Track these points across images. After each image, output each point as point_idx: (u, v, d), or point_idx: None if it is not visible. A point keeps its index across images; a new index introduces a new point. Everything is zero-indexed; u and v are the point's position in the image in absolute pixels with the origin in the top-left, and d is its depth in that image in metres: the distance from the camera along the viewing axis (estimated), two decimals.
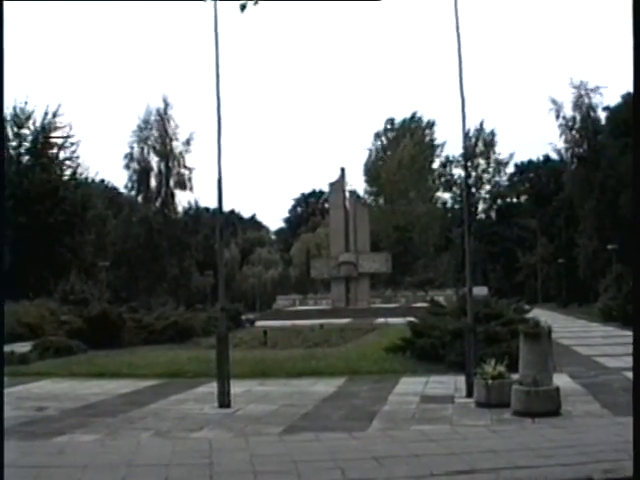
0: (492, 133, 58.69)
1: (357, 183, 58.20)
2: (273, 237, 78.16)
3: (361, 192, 57.66)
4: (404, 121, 61.07)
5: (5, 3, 2.47)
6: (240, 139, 79.78)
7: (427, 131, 60.45)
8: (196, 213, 47.45)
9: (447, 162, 60.00)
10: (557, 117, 38.07)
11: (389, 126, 61.48)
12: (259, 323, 26.94)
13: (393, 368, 9.91)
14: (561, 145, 40.31)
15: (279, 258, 58.64)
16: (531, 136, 72.11)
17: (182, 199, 72.44)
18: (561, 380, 6.04)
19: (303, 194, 76.07)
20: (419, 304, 31.03)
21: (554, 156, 46.81)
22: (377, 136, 61.71)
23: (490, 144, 58.71)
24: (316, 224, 61.87)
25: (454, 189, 59.20)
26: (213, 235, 51.05)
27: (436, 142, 60.13)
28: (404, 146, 56.86)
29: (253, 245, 59.86)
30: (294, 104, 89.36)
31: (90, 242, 33.36)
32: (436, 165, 60.35)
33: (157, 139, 44.60)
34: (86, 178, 36.33)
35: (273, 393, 8.09)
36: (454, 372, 8.80)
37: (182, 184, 44.81)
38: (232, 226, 68.30)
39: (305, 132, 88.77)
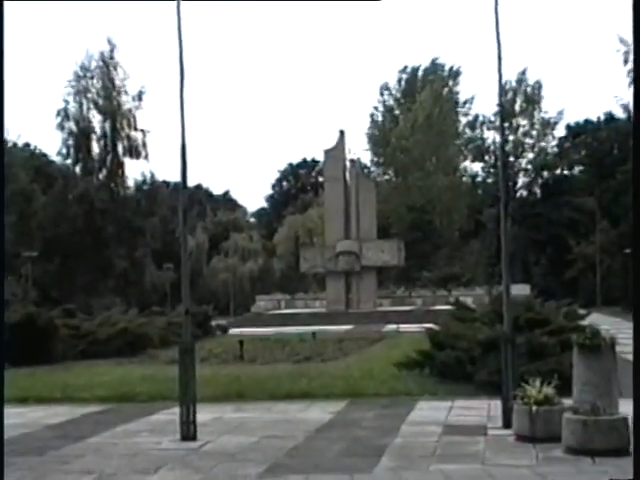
0: (537, 85, 56.40)
1: (360, 152, 58.01)
2: (252, 220, 77.57)
3: (365, 162, 59.50)
4: (420, 70, 59.53)
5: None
6: (210, 97, 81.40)
7: (450, 83, 58.79)
8: (152, 189, 47.11)
9: (477, 123, 59.14)
10: (625, 62, 33.55)
11: (401, 77, 60.10)
12: (234, 331, 27.24)
13: (407, 389, 10.03)
14: (629, 99, 38.35)
15: (260, 247, 58.70)
16: (588, 88, 70.98)
17: (133, 170, 71.54)
18: (630, 408, 5.32)
19: (291, 165, 76.38)
20: (440, 307, 31.59)
21: (619, 114, 45.52)
22: (384, 90, 60.38)
23: (534, 99, 56.44)
24: (307, 203, 61.78)
25: (486, 158, 58.70)
26: (174, 217, 51.44)
27: (462, 97, 59.36)
28: (420, 102, 56.12)
29: (226, 230, 59.64)
30: (278, 50, 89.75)
31: (10, 226, 31.09)
32: (462, 127, 59.64)
33: (100, 92, 43.22)
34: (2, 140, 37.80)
35: (252, 421, 8.14)
36: (486, 395, 8.86)
37: (133, 151, 43.76)
38: (199, 205, 68.78)
39: (292, 86, 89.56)
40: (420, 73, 59.70)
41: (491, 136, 58.18)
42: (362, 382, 10.69)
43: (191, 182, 64.02)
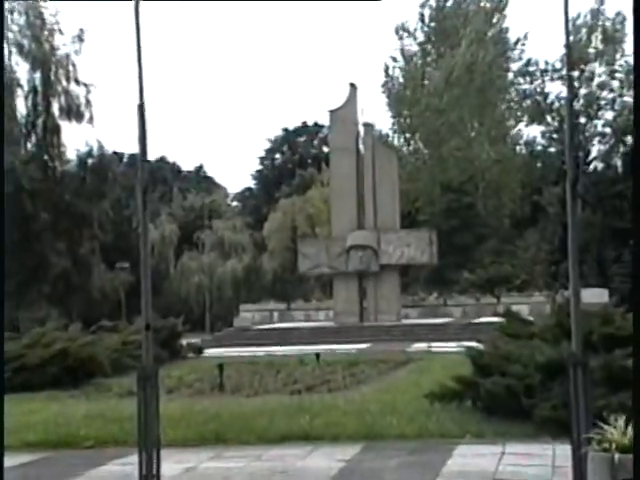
0: (619, 19, 54.28)
1: (376, 115, 58.41)
2: (234, 204, 78.26)
3: (384, 129, 58.96)
4: (451, 1, 57.98)
5: None
6: (178, 43, 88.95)
7: (496, 16, 57.26)
8: (100, 163, 47.18)
9: (534, 72, 58.14)
10: None
11: (425, 12, 58.64)
12: (211, 352, 27.72)
13: (442, 429, 10.15)
14: None
15: (245, 240, 59.29)
16: None
17: (74, 138, 75.64)
18: None
19: (286, 131, 76.39)
20: (486, 319, 32.61)
21: None
22: (403, 33, 59.07)
23: (615, 38, 54.75)
24: (307, 182, 62.35)
25: (548, 119, 58.27)
26: (131, 201, 51.78)
27: (512, 36, 58.04)
28: (456, 46, 56.00)
29: (200, 217, 60.05)
30: None
31: None
32: (514, 77, 59.05)
33: (25, 30, 41.53)
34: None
35: (236, 474, 8.24)
36: (550, 437, 8.95)
37: (73, 111, 42.97)
38: (164, 185, 69.10)
39: (285, 30, 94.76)
40: (450, 3, 58.27)
41: (554, 89, 58.53)
42: (382, 419, 10.80)
43: (153, 154, 65.41)
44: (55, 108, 43.01)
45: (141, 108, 7.64)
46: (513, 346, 11.43)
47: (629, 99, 54.23)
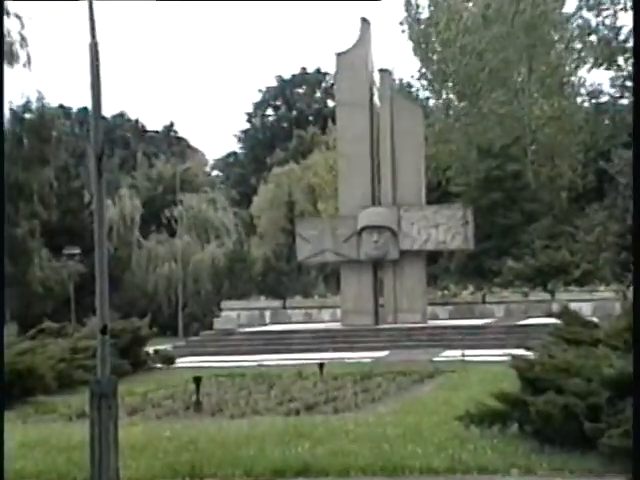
0: None
1: (394, 60, 58.20)
2: (215, 173, 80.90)
3: (405, 77, 59.58)
4: None
5: None
6: None
7: None
8: (40, 119, 47.57)
9: (595, 3, 57.17)
10: None
11: None
12: (184, 361, 27.95)
13: (480, 461, 10.15)
14: None
15: (229, 219, 59.73)
16: None
17: (7, 87, 75.41)
18: None
19: (280, 80, 77.50)
20: (536, 319, 32.88)
21: None
22: None
23: None
24: (307, 145, 63.77)
25: (619, 61, 57.08)
26: (81, 169, 53.98)
27: None
28: None
29: (171, 190, 59.96)
30: None
31: None
32: (575, 7, 58.46)
33: None
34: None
35: None
36: (621, 471, 8.91)
37: (5, 52, 40.33)
38: (125, 148, 69.11)
39: None
40: None
41: (627, 21, 56.36)
42: (403, 448, 10.85)
43: (110, 109, 67.90)
44: None
45: (94, 49, 7.56)
46: (572, 355, 11.48)
47: None
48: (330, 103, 66.06)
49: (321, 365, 20.99)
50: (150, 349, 27.45)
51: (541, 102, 55.76)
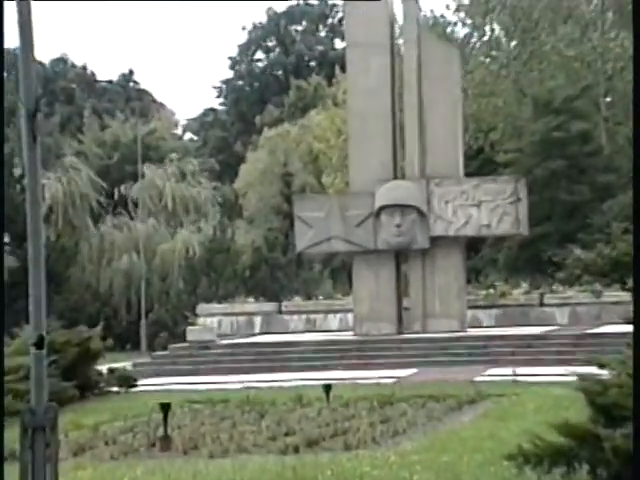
0: None
1: None
2: (188, 137, 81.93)
3: (437, 9, 59.63)
4: None
5: None
6: None
7: None
8: None
9: None
10: None
11: None
12: (149, 382, 28.18)
13: None
14: None
15: (205, 196, 60.32)
16: None
17: None
18: None
19: (273, 13, 78.31)
20: (612, 327, 32.89)
21: None
22: None
23: None
24: (309, 99, 64.63)
25: None
26: (10, 130, 53.18)
27: None
28: None
29: (131, 159, 60.09)
30: None
31: None
32: None
33: None
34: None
35: None
36: None
37: None
38: (68, 104, 68.22)
39: None
40: None
41: None
42: None
43: (48, 51, 67.14)
44: None
45: None
46: None
47: None
48: (338, 44, 65.84)
49: (327, 388, 20.98)
50: (103, 367, 27.50)
51: (622, 37, 55.00)
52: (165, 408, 16.64)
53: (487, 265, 48.42)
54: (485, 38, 59.99)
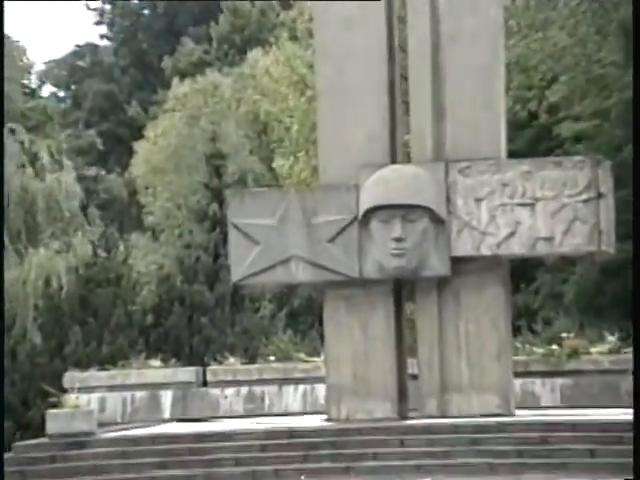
0: None
1: None
2: (49, 91, 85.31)
3: None
4: None
5: None
6: None
7: None
8: None
9: None
10: None
11: None
12: None
13: None
14: None
15: (80, 192, 61.50)
16: None
17: None
18: None
19: None
20: None
21: None
22: None
23: None
24: (248, 32, 67.11)
25: None
26: None
27: None
28: None
29: None
30: None
31: None
32: None
33: None
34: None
35: None
36: None
37: None
38: None
39: None
40: None
41: None
42: None
43: None
44: None
45: None
46: None
47: None
48: None
49: None
50: None
51: None
52: None
53: (547, 303, 47.60)
54: None
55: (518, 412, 35.37)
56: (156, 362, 44.18)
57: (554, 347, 40.76)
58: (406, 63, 37.14)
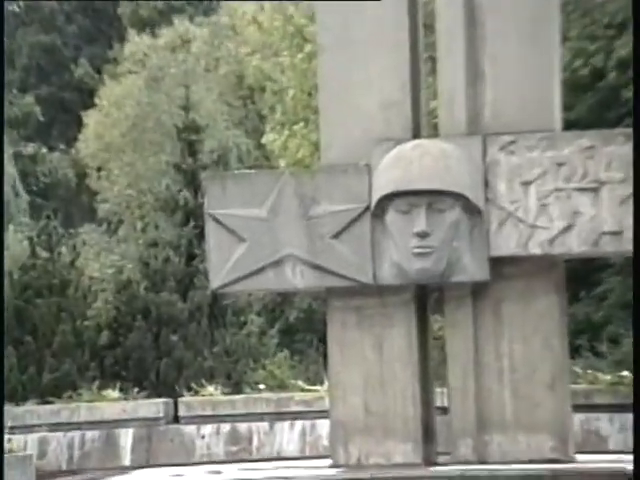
0: None
1: None
2: None
3: None
4: None
5: None
6: None
7: None
8: None
9: None
10: None
11: None
12: None
13: None
14: None
15: (11, 174, 62.28)
16: None
17: None
18: None
19: None
20: None
21: None
22: None
23: None
24: None
25: None
26: None
27: None
28: None
29: None
30: None
31: None
32: None
33: None
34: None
35: None
36: None
37: None
38: None
39: None
40: None
41: None
42: None
43: None
44: None
45: None
46: None
47: None
48: None
49: None
50: None
51: None
52: None
53: (614, 316, 46.55)
54: None
55: (578, 457, 33.09)
56: (113, 393, 43.73)
57: (624, 373, 40.03)
58: (432, 8, 36.21)
